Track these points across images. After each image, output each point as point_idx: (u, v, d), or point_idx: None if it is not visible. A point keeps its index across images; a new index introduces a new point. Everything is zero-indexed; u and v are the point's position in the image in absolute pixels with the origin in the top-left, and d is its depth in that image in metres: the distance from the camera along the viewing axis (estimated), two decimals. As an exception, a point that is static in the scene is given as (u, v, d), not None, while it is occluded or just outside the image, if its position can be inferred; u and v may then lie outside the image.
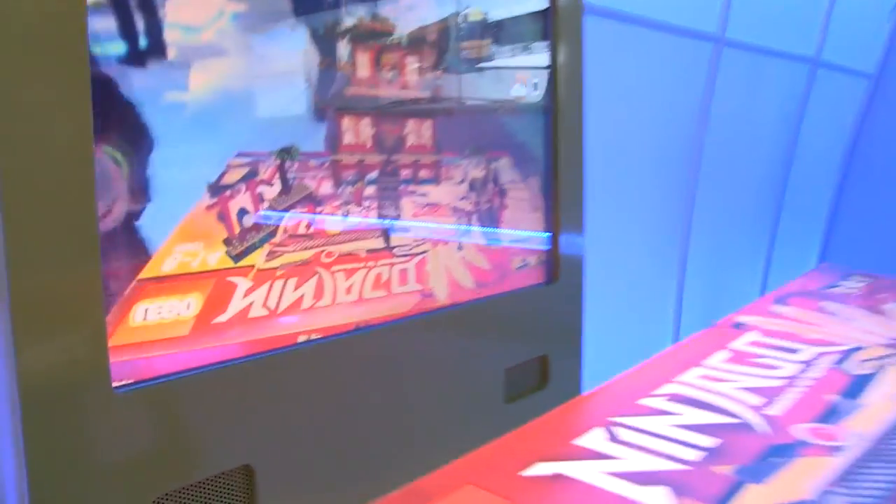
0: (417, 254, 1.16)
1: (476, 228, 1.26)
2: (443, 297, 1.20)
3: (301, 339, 1.02)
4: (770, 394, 0.64)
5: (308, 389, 1.01)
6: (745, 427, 0.58)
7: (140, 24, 0.84)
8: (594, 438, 0.56)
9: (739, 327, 0.83)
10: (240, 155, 0.94)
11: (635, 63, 2.14)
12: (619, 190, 2.20)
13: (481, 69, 1.25)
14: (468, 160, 1.23)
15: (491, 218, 1.28)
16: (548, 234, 1.37)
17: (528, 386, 1.36)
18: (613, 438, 0.56)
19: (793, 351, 0.76)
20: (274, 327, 0.99)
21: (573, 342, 1.44)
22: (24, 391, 0.74)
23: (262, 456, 0.96)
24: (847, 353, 0.76)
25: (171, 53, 0.87)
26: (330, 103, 1.03)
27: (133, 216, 0.85)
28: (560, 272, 1.37)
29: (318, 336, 1.03)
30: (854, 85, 3.30)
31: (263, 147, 0.96)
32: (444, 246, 1.20)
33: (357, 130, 1.06)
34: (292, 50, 0.99)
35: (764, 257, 3.02)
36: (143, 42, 0.84)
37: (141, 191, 0.86)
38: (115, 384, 0.83)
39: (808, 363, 0.72)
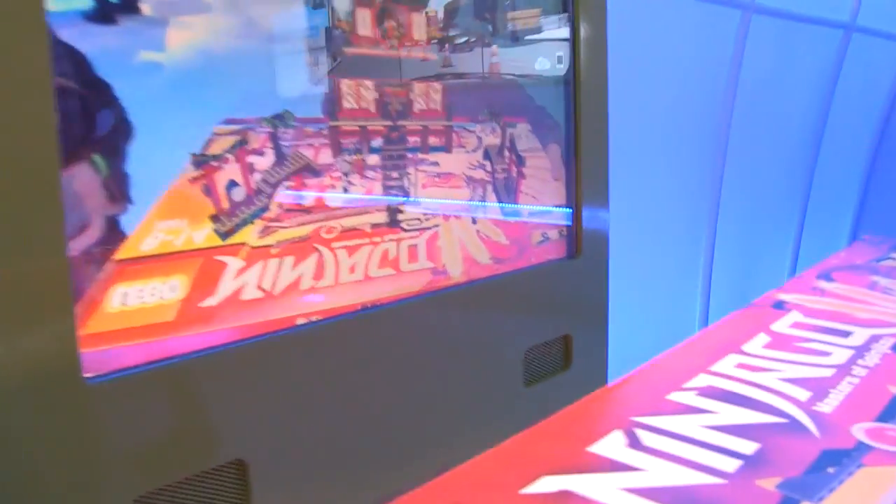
0: (428, 228, 1.07)
1: (492, 200, 1.16)
2: (457, 274, 1.11)
3: (300, 322, 0.93)
4: (820, 386, 0.54)
5: (307, 377, 0.93)
6: (792, 428, 0.48)
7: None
8: (613, 444, 0.47)
9: (781, 306, 0.73)
10: (227, 122, 0.85)
11: (661, 33, 2.04)
12: (646, 164, 2.11)
13: (496, 32, 1.15)
14: (482, 126, 1.14)
15: (508, 189, 1.19)
16: (570, 206, 1.27)
17: (550, 368, 1.27)
18: (635, 444, 0.47)
19: (844, 334, 0.66)
20: (271, 310, 0.91)
21: (598, 321, 1.35)
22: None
23: (255, 449, 0.88)
24: (906, 335, 0.65)
25: (145, 8, 0.78)
26: (327, 65, 0.94)
27: (106, 190, 0.77)
28: (583, 246, 1.28)
29: (318, 318, 0.95)
30: (891, 50, 3.15)
31: (254, 113, 0.88)
32: (458, 219, 1.11)
33: (358, 94, 0.97)
34: (284, 4, 0.90)
35: (795, 231, 2.90)
36: None
37: (115, 162, 0.77)
38: (86, 375, 0.75)
39: (861, 348, 0.62)
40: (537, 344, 1.23)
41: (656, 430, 0.49)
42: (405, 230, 1.04)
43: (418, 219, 1.05)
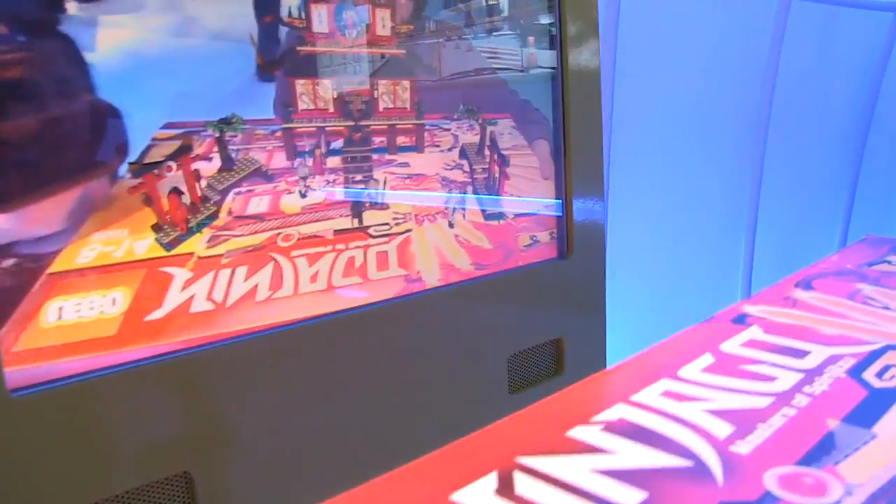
0: (399, 234, 1.00)
1: (472, 202, 1.09)
2: (433, 282, 1.05)
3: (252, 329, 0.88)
4: (748, 420, 0.47)
5: (258, 385, 0.88)
6: (694, 473, 0.41)
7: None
8: (481, 489, 0.40)
9: (741, 321, 0.65)
10: (167, 126, 0.80)
11: (699, 17, 1.97)
12: (685, 149, 2.04)
13: (473, 21, 1.08)
14: (458, 123, 1.07)
15: (490, 189, 1.12)
16: (559, 203, 1.19)
17: (540, 374, 1.20)
18: (505, 490, 0.40)
19: (800, 354, 0.58)
20: (224, 323, 0.86)
21: (593, 323, 1.27)
22: None
23: (203, 461, 0.84)
24: (871, 357, 0.57)
25: (73, 6, 0.74)
26: (279, 63, 0.89)
27: (34, 199, 0.73)
28: (574, 245, 1.20)
29: (272, 326, 0.89)
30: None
31: (197, 116, 0.83)
32: (432, 223, 1.04)
33: (315, 94, 0.91)
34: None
35: (842, 219, 2.77)
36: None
37: (43, 170, 0.73)
38: (10, 387, 0.71)
39: (813, 371, 0.54)
40: (523, 349, 1.16)
41: (536, 474, 0.42)
42: (373, 236, 0.98)
43: (387, 224, 0.99)
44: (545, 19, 1.16)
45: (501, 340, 1.13)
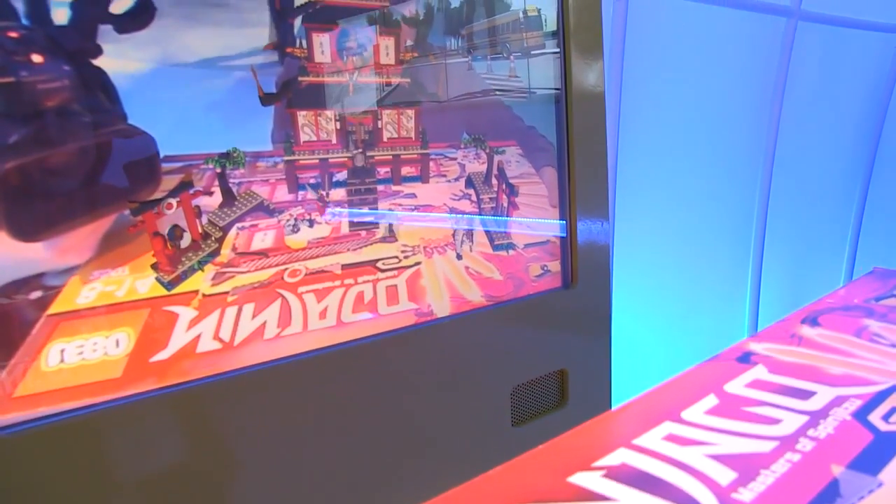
0: (408, 266, 0.99)
1: (480, 232, 1.08)
2: (442, 314, 1.03)
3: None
4: (751, 465, 0.45)
5: (261, 415, 0.87)
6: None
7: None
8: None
9: (746, 359, 0.63)
10: (167, 160, 0.79)
11: (704, 42, 1.95)
12: (690, 176, 2.02)
13: (476, 46, 1.06)
14: (465, 152, 1.05)
15: (498, 219, 1.10)
16: (563, 231, 1.17)
17: (544, 406, 1.17)
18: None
19: (805, 395, 0.56)
20: (232, 362, 0.84)
21: (598, 353, 1.25)
22: None
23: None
24: (877, 398, 0.54)
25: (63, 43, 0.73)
26: (281, 94, 0.87)
27: (30, 238, 0.72)
28: (579, 275, 1.18)
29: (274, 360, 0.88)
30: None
31: (197, 149, 0.82)
32: (441, 255, 1.03)
33: (317, 125, 0.90)
34: (230, 30, 0.84)
35: (848, 248, 2.73)
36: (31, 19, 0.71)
37: (40, 209, 0.72)
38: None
39: (818, 413, 0.52)
40: (526, 381, 1.13)
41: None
42: (382, 270, 0.96)
43: (396, 257, 0.97)
44: (550, 44, 1.14)
45: (504, 372, 1.11)
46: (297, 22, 0.87)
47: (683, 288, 2.09)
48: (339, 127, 0.92)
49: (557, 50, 1.14)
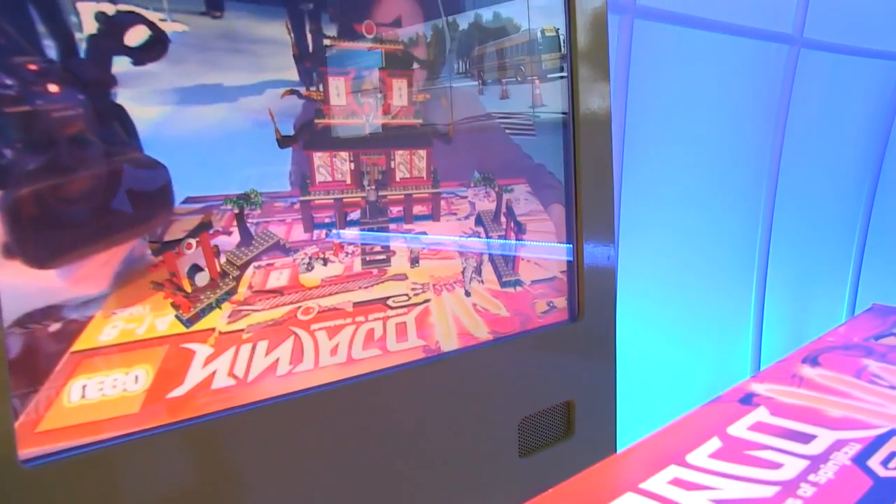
0: (417, 304, 1.01)
1: (489, 269, 1.10)
2: (450, 349, 1.05)
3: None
4: (752, 513, 0.47)
5: (273, 455, 0.88)
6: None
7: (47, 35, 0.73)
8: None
9: (748, 401, 0.65)
10: (188, 201, 0.82)
11: (707, 70, 1.97)
12: (692, 207, 2.03)
13: (484, 83, 1.09)
14: (474, 190, 1.08)
15: (506, 257, 1.12)
16: (571, 265, 1.20)
17: (551, 437, 1.19)
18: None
19: (806, 438, 0.57)
20: (245, 398, 0.86)
21: (604, 385, 1.26)
22: None
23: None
24: (876, 442, 0.56)
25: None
26: (297, 137, 0.90)
27: (58, 279, 0.74)
28: (586, 308, 1.20)
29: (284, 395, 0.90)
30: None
31: (216, 191, 0.84)
32: (450, 292, 1.05)
33: (332, 166, 0.93)
34: (249, 73, 0.86)
35: (851, 276, 2.74)
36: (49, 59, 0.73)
37: (61, 247, 0.74)
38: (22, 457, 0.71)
39: (819, 458, 0.54)
40: (533, 413, 1.15)
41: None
42: (392, 307, 0.98)
43: (406, 294, 1.00)
44: (556, 76, 1.16)
45: (512, 404, 1.13)
46: (314, 64, 0.90)
47: (686, 316, 2.10)
48: (353, 168, 0.94)
49: (565, 77, 1.16)
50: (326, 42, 0.91)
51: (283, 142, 0.88)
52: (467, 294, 1.06)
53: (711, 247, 2.14)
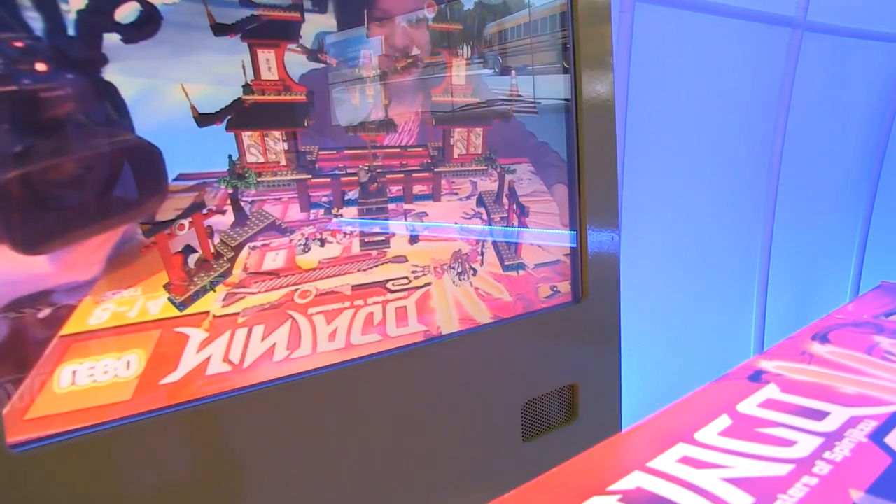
0: (418, 287, 0.99)
1: (491, 251, 1.07)
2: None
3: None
4: (769, 490, 0.44)
5: (273, 437, 0.86)
6: (712, 550, 0.39)
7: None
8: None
9: (758, 378, 0.62)
10: (180, 178, 0.79)
11: (709, 53, 1.95)
12: (695, 189, 2.01)
13: (484, 62, 1.06)
14: (477, 169, 1.05)
15: (508, 239, 1.10)
16: (574, 246, 1.17)
17: (555, 421, 1.17)
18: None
19: (819, 415, 0.55)
20: (241, 384, 0.84)
21: (608, 367, 1.24)
22: None
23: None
24: (893, 419, 0.54)
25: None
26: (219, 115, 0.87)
27: (43, 261, 0.72)
28: (589, 289, 1.18)
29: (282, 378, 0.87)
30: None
31: (210, 167, 0.81)
32: (452, 275, 1.03)
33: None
34: (241, 54, 0.84)
35: (855, 257, 2.72)
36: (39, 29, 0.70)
37: (48, 227, 0.72)
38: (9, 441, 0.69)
39: (833, 435, 0.51)
40: (537, 396, 1.13)
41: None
42: (392, 291, 0.96)
43: (406, 277, 0.97)
44: (560, 58, 1.14)
45: (515, 387, 1.10)
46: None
47: (690, 298, 2.09)
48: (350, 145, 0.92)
49: (568, 56, 1.14)
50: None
51: (202, 119, 0.84)
52: (473, 273, 1.04)
53: (715, 227, 2.12)
